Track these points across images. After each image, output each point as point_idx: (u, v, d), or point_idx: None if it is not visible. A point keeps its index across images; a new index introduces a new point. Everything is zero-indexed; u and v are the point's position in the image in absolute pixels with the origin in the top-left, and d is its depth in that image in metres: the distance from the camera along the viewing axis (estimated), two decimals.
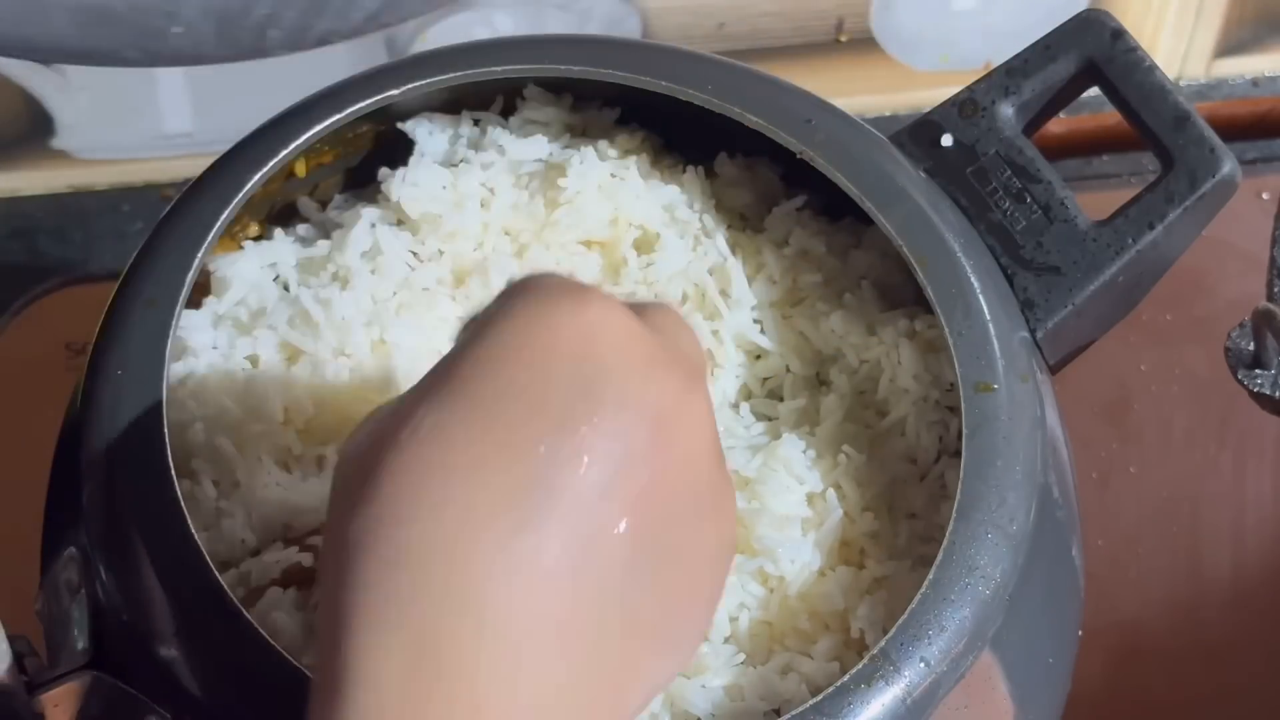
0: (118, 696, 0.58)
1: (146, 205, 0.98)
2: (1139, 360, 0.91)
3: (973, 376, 0.63)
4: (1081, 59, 0.69)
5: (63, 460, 0.65)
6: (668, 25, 1.02)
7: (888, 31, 1.03)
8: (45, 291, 0.95)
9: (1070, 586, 0.66)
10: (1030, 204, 0.69)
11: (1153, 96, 0.68)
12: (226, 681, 0.58)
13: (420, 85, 0.69)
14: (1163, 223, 0.68)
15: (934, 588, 0.59)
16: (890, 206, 0.66)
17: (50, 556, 0.63)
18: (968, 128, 0.70)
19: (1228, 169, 0.68)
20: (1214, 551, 0.87)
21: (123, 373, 0.62)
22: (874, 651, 0.58)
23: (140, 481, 0.60)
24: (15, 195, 0.99)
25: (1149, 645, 0.85)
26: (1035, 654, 0.64)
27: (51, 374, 0.91)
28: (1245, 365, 0.70)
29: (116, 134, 1.01)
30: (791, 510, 0.64)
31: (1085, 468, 0.85)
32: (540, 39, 0.72)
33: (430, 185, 0.69)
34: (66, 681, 0.58)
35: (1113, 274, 0.68)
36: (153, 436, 0.61)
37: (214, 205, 0.66)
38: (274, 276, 0.69)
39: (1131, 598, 0.86)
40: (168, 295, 0.64)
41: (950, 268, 0.65)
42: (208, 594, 0.58)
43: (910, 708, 0.58)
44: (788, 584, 0.63)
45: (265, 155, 0.67)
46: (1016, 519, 0.61)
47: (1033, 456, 0.63)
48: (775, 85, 0.70)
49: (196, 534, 0.59)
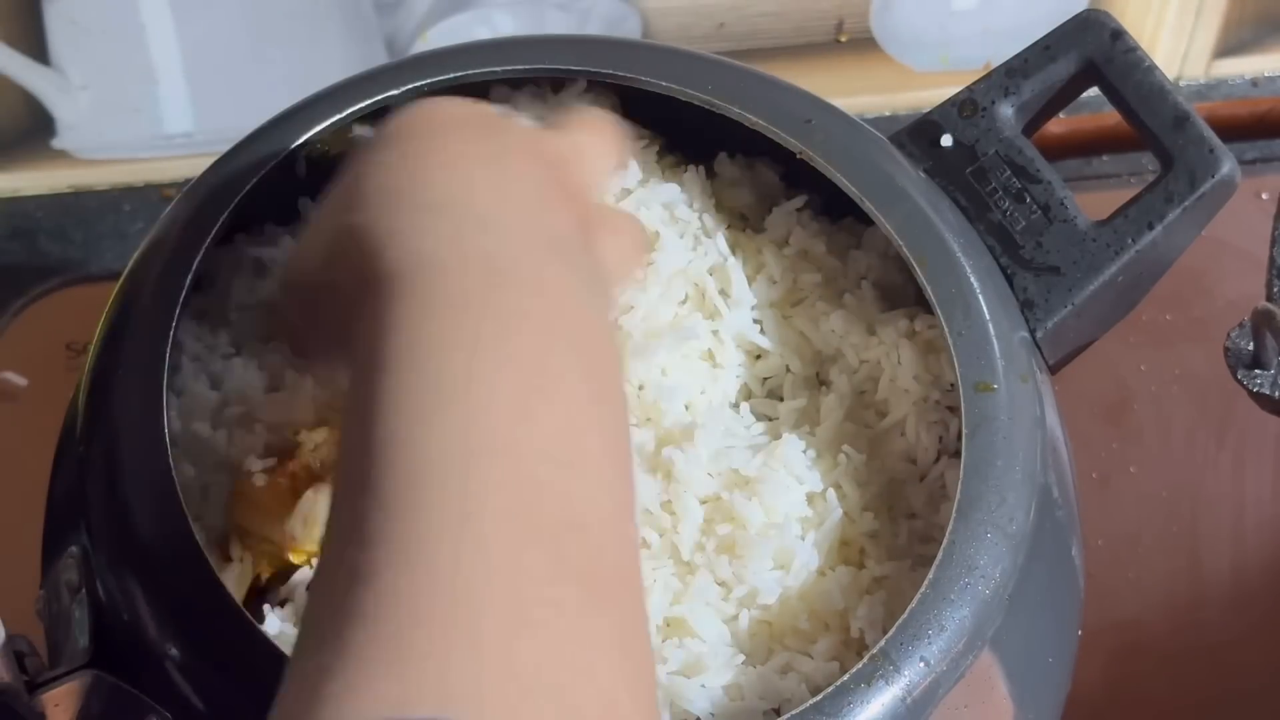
0: (118, 696, 0.58)
1: (147, 205, 0.98)
2: (1139, 360, 0.91)
3: (973, 376, 0.63)
4: (1081, 59, 0.69)
5: (63, 460, 0.65)
6: (668, 25, 1.02)
7: (887, 32, 1.03)
8: (45, 291, 0.95)
9: (1070, 586, 0.66)
10: (1030, 204, 0.69)
11: (1152, 97, 0.68)
12: (226, 681, 0.58)
13: (420, 85, 0.69)
14: (1162, 223, 0.68)
15: (934, 587, 0.59)
16: (890, 206, 0.66)
17: (50, 556, 0.63)
18: (967, 128, 0.70)
19: (1227, 169, 0.68)
20: (1214, 551, 0.87)
21: (123, 373, 0.62)
22: (874, 651, 0.58)
23: (140, 481, 0.60)
24: (16, 195, 0.99)
25: (1148, 645, 0.85)
26: (1035, 654, 0.64)
27: (51, 374, 0.91)
28: (1245, 365, 0.70)
29: (117, 134, 1.01)
30: (792, 510, 0.64)
31: (1085, 468, 0.85)
32: (540, 39, 0.72)
33: None
34: (67, 681, 0.58)
35: (1112, 274, 0.68)
36: (153, 437, 0.61)
37: (214, 205, 0.66)
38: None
39: (1131, 597, 0.85)
40: (168, 296, 0.64)
41: (950, 268, 0.65)
42: (208, 594, 0.58)
43: (910, 707, 0.58)
44: (788, 584, 0.63)
45: (265, 155, 0.67)
46: (1016, 519, 0.61)
47: (1032, 456, 0.63)
48: (775, 85, 0.70)
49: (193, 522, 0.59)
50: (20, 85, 1.00)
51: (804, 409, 0.68)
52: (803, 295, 0.69)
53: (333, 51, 1.01)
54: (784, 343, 0.69)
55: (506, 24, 1.02)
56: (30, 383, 0.92)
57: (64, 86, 1.00)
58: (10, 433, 0.89)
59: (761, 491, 0.64)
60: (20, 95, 1.00)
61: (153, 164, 1.00)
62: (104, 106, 1.00)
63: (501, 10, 1.02)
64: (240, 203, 0.66)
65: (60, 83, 1.00)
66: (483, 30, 1.01)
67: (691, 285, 0.69)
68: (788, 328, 0.69)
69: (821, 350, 0.69)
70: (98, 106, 1.00)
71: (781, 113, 0.68)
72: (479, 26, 1.01)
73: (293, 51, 1.01)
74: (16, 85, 1.00)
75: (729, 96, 0.68)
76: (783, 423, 0.68)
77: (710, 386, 0.68)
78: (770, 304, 0.69)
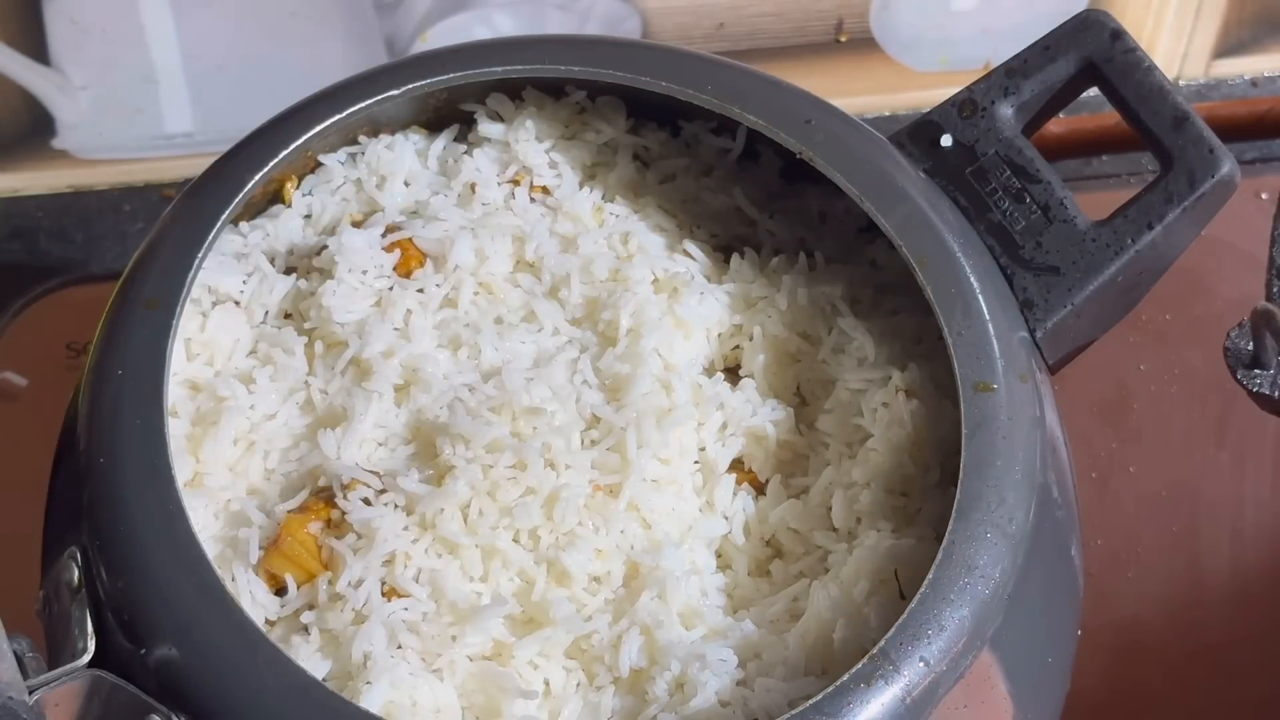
0: (118, 696, 0.58)
1: (147, 205, 0.98)
2: (1139, 360, 0.91)
3: (972, 376, 0.63)
4: (1081, 59, 0.69)
5: (63, 460, 0.65)
6: (668, 25, 1.02)
7: (887, 32, 1.03)
8: (45, 291, 0.95)
9: (1069, 586, 0.66)
10: (1030, 204, 0.69)
11: (1152, 97, 0.68)
12: (226, 681, 0.58)
13: (420, 86, 0.69)
14: (1162, 223, 0.68)
15: (933, 587, 0.59)
16: (890, 206, 0.66)
17: (50, 556, 0.63)
18: (967, 128, 0.70)
19: (1226, 169, 0.68)
20: (1213, 551, 0.87)
21: (123, 373, 0.63)
22: (874, 651, 0.58)
23: (140, 481, 0.60)
24: (16, 195, 0.99)
25: (1148, 644, 0.85)
26: (1034, 653, 0.64)
27: (51, 374, 0.91)
28: (1244, 365, 0.70)
29: (117, 134, 1.01)
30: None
31: (1084, 467, 0.86)
32: (540, 39, 0.73)
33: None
34: (67, 681, 0.59)
35: (1112, 274, 0.68)
36: (153, 436, 0.61)
37: (214, 205, 0.66)
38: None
39: (1130, 597, 0.86)
40: (168, 295, 0.64)
41: (949, 268, 0.65)
42: (208, 594, 0.58)
43: (910, 707, 0.58)
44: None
45: (265, 155, 0.67)
46: (1016, 519, 0.61)
47: (1032, 456, 0.63)
48: (775, 85, 0.70)
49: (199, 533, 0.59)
50: (20, 85, 1.00)
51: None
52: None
53: (333, 51, 1.01)
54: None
55: (506, 24, 1.02)
56: (30, 383, 0.92)
57: (64, 86, 1.00)
58: (10, 433, 0.89)
59: None
60: (20, 95, 1.00)
61: (153, 164, 1.00)
62: (104, 106, 1.00)
63: (501, 10, 1.02)
64: (240, 202, 0.66)
65: (60, 83, 1.00)
66: (483, 30, 1.01)
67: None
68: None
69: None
70: (98, 106, 1.00)
71: (781, 113, 0.68)
72: (479, 26, 1.02)
73: (293, 51, 1.01)
74: (16, 85, 1.00)
75: (729, 96, 0.69)
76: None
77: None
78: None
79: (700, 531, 0.65)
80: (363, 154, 0.71)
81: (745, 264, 0.70)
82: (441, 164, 0.72)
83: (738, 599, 0.65)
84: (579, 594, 0.63)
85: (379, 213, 0.70)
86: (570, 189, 0.72)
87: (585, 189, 0.72)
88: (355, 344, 0.66)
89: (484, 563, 0.63)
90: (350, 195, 0.71)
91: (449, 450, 0.64)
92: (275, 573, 0.62)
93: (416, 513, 0.63)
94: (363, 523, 0.62)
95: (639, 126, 0.73)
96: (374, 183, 0.71)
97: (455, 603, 0.61)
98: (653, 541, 0.64)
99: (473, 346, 0.68)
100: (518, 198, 0.71)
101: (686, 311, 0.68)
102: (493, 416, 0.65)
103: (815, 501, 0.66)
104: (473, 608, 0.61)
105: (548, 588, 0.63)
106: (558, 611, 0.61)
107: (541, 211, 0.71)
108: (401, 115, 0.72)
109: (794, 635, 0.61)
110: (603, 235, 0.70)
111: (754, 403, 0.67)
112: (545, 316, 0.69)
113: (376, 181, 0.71)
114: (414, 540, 0.62)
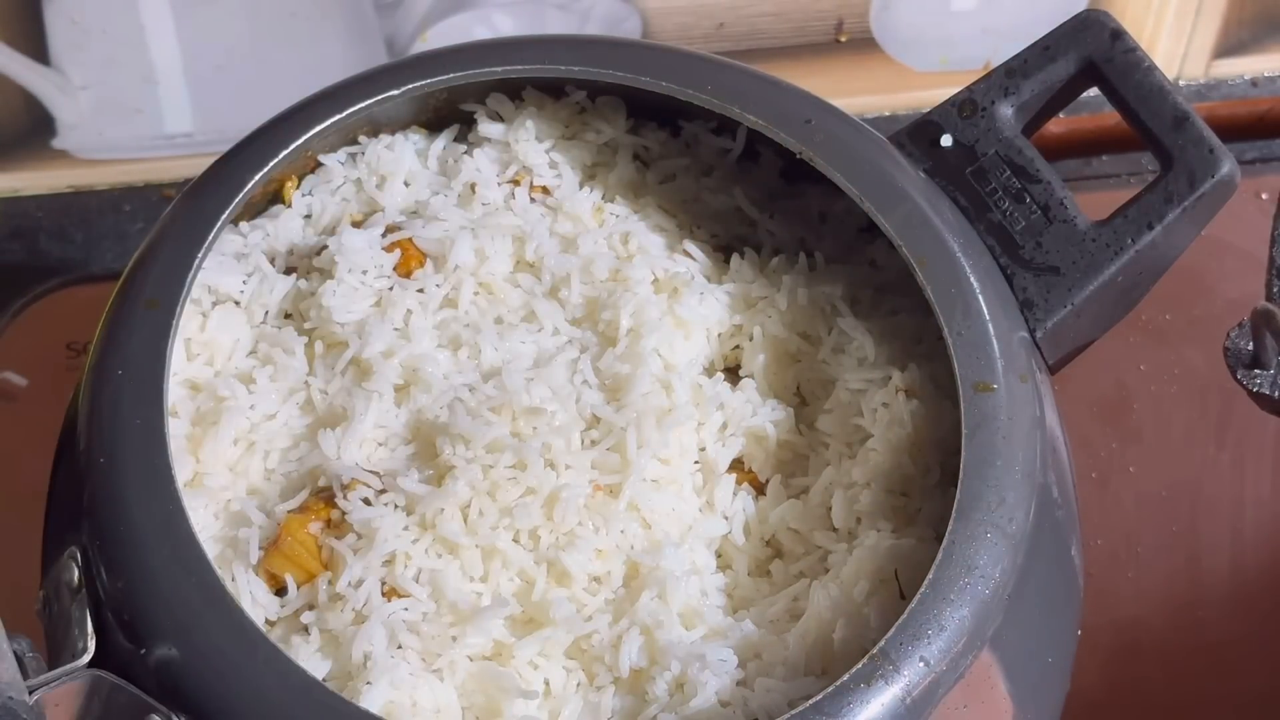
0: (118, 696, 0.58)
1: (147, 205, 0.98)
2: (1139, 360, 0.91)
3: (972, 376, 0.63)
4: (1081, 59, 0.69)
5: (63, 460, 0.65)
6: (668, 25, 1.02)
7: (887, 32, 1.03)
8: (45, 291, 0.95)
9: (1069, 586, 0.66)
10: (1030, 204, 0.69)
11: (1152, 97, 0.68)
12: (227, 681, 0.58)
13: (420, 86, 0.69)
14: (1162, 223, 0.68)
15: (933, 587, 0.59)
16: (890, 206, 0.66)
17: (50, 556, 0.63)
18: (967, 128, 0.70)
19: (1226, 169, 0.68)
20: (1213, 551, 0.87)
21: (123, 373, 0.63)
22: (874, 651, 0.58)
23: (140, 481, 0.60)
24: (16, 195, 0.99)
25: (1148, 644, 0.85)
26: (1034, 653, 0.64)
27: (51, 374, 0.91)
28: (1244, 365, 0.70)
29: (117, 134, 1.01)
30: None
31: (1084, 467, 0.85)
32: (540, 39, 0.73)
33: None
34: (67, 681, 0.59)
35: (1112, 274, 0.68)
36: (153, 436, 0.61)
37: (214, 205, 0.66)
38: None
39: (1130, 597, 0.85)
40: (168, 295, 0.64)
41: (949, 268, 0.65)
42: (208, 594, 0.58)
43: (910, 707, 0.58)
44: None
45: (265, 155, 0.67)
46: (1015, 519, 0.61)
47: (1032, 456, 0.63)
48: (775, 85, 0.70)
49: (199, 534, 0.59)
50: (20, 85, 1.00)
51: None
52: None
53: (333, 51, 1.01)
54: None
55: (506, 24, 1.02)
56: (30, 383, 0.92)
57: (64, 86, 1.00)
58: (10, 433, 0.89)
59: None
60: (20, 95, 1.00)
61: (153, 164, 1.00)
62: (104, 106, 1.00)
63: (501, 10, 1.02)
64: (240, 202, 0.66)
65: (60, 83, 1.00)
66: (483, 30, 1.01)
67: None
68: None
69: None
70: (98, 106, 1.00)
71: (781, 113, 0.68)
72: (479, 26, 1.02)
73: (293, 51, 1.01)
74: (16, 85, 1.00)
75: (729, 96, 0.69)
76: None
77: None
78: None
79: (700, 531, 0.65)
80: (363, 154, 0.71)
81: (745, 264, 0.70)
82: (441, 164, 0.72)
83: (738, 599, 0.65)
84: (579, 594, 0.63)
85: (379, 213, 0.71)
86: (570, 189, 0.72)
87: (585, 189, 0.72)
88: (355, 344, 0.66)
89: (484, 563, 0.63)
90: (350, 195, 0.71)
91: (449, 450, 0.64)
92: (275, 573, 0.62)
93: (416, 513, 0.63)
94: (363, 523, 0.62)
95: (639, 126, 0.73)
96: (374, 183, 0.71)
97: (455, 603, 0.61)
98: (653, 541, 0.64)
99: (473, 346, 0.68)
100: (518, 198, 0.71)
101: (686, 311, 0.68)
102: (493, 416, 0.65)
103: (815, 501, 0.66)
104: (473, 608, 0.61)
105: (548, 588, 0.63)
106: (558, 611, 0.62)
107: (541, 211, 0.71)
108: (401, 115, 0.72)
109: (794, 635, 0.61)
110: (603, 235, 0.70)
111: (754, 403, 0.67)
112: (545, 316, 0.69)
113: (376, 181, 0.71)
114: (414, 540, 0.62)
